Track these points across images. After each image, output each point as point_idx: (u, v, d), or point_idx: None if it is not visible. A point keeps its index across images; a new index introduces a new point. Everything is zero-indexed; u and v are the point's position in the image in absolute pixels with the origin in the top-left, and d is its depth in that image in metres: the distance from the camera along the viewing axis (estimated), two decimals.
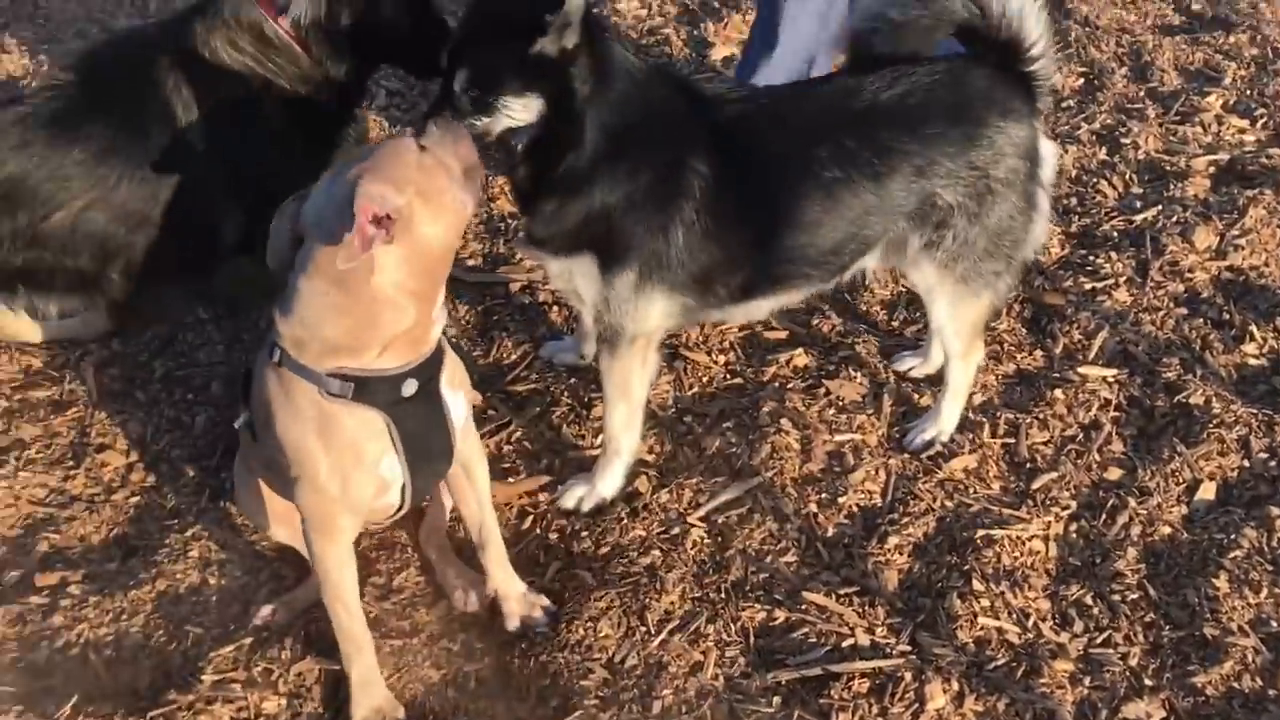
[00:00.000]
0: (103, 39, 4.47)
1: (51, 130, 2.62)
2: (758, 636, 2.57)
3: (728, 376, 3.23)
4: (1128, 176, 3.97)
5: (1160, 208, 3.79)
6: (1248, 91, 4.48)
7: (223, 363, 3.26)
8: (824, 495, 2.87)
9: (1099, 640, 2.55)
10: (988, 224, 2.67)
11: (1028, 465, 2.98)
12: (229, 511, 2.85)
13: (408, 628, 2.61)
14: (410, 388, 2.17)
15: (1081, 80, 4.58)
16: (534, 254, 2.77)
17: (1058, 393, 3.15)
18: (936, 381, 3.12)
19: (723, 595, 2.65)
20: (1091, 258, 3.62)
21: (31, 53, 4.55)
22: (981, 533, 2.75)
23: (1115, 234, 3.72)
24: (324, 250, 2.02)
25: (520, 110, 2.39)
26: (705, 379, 3.22)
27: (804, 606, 2.61)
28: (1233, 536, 2.74)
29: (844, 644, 2.54)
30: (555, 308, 3.47)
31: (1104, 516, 2.82)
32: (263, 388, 2.22)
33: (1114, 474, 2.94)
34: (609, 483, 2.85)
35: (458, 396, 2.33)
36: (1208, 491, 2.88)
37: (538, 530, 2.83)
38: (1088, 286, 3.50)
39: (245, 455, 2.60)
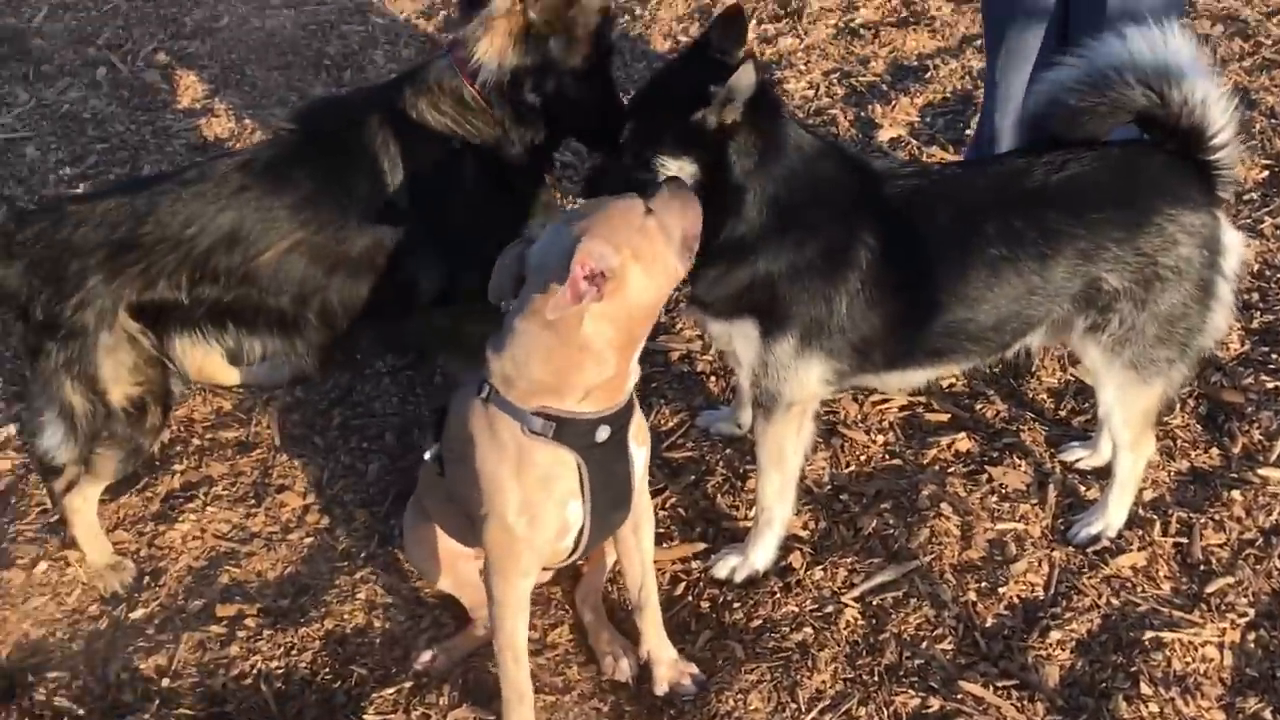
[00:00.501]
0: (322, 97, 4.80)
1: (268, 176, 2.80)
2: None
3: (886, 457, 3.21)
4: None
5: None
6: None
7: (396, 414, 3.42)
8: (984, 584, 2.81)
9: None
10: (1157, 311, 2.61)
11: (1201, 567, 2.85)
12: (396, 557, 2.96)
13: (560, 684, 2.66)
14: (603, 434, 2.27)
15: (1266, 173, 4.42)
16: (696, 315, 2.83)
17: (1235, 494, 3.02)
18: (1104, 475, 3.03)
19: (876, 678, 2.61)
20: (1274, 355, 3.47)
21: (238, 118, 4.90)
22: (1150, 634, 2.65)
23: None
24: (540, 296, 2.14)
25: (674, 172, 2.48)
26: (863, 458, 3.20)
27: (960, 696, 2.55)
28: None
29: None
30: (713, 378, 3.52)
31: None
32: (465, 421, 2.33)
33: None
34: (762, 554, 2.85)
35: (641, 451, 2.41)
36: None
37: (690, 598, 2.85)
38: (1269, 385, 3.36)
39: (418, 504, 2.71)
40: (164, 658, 2.75)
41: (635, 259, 2.13)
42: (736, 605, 2.80)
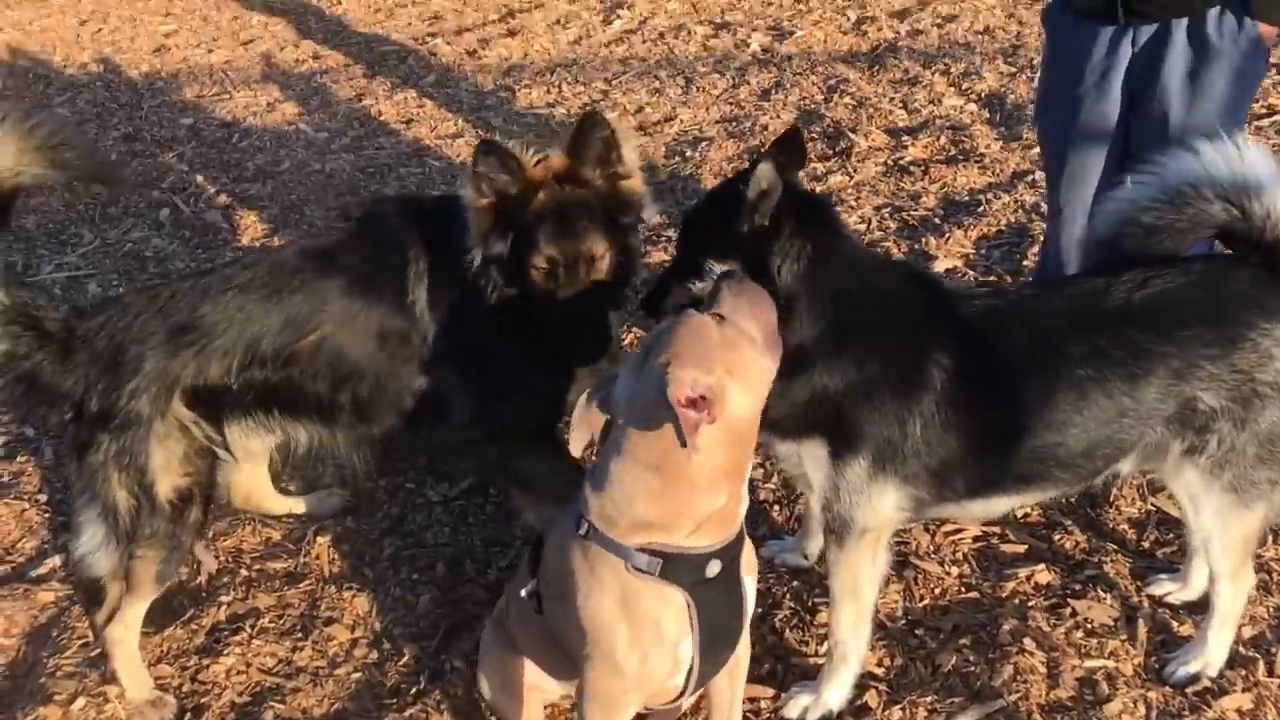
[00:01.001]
0: (383, 199, 4.82)
1: (321, 263, 2.81)
2: None
3: (962, 589, 3.04)
4: None
5: None
6: None
7: (448, 545, 3.31)
8: None
9: None
10: (1258, 430, 2.48)
11: None
12: (447, 694, 2.81)
13: None
14: (714, 568, 2.12)
15: None
16: (763, 435, 2.70)
17: None
18: (1197, 610, 2.86)
19: None
20: None
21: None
22: None
23: None
24: (638, 435, 2.03)
25: None
26: (937, 590, 3.04)
27: None
28: None
29: None
30: (776, 506, 3.39)
31: None
32: (563, 558, 2.20)
33: None
34: (836, 693, 2.68)
35: (750, 580, 2.27)
36: None
37: None
38: None
39: (498, 633, 2.59)
40: None
41: (729, 374, 2.00)
42: None
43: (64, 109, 7.12)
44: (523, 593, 2.35)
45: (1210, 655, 2.72)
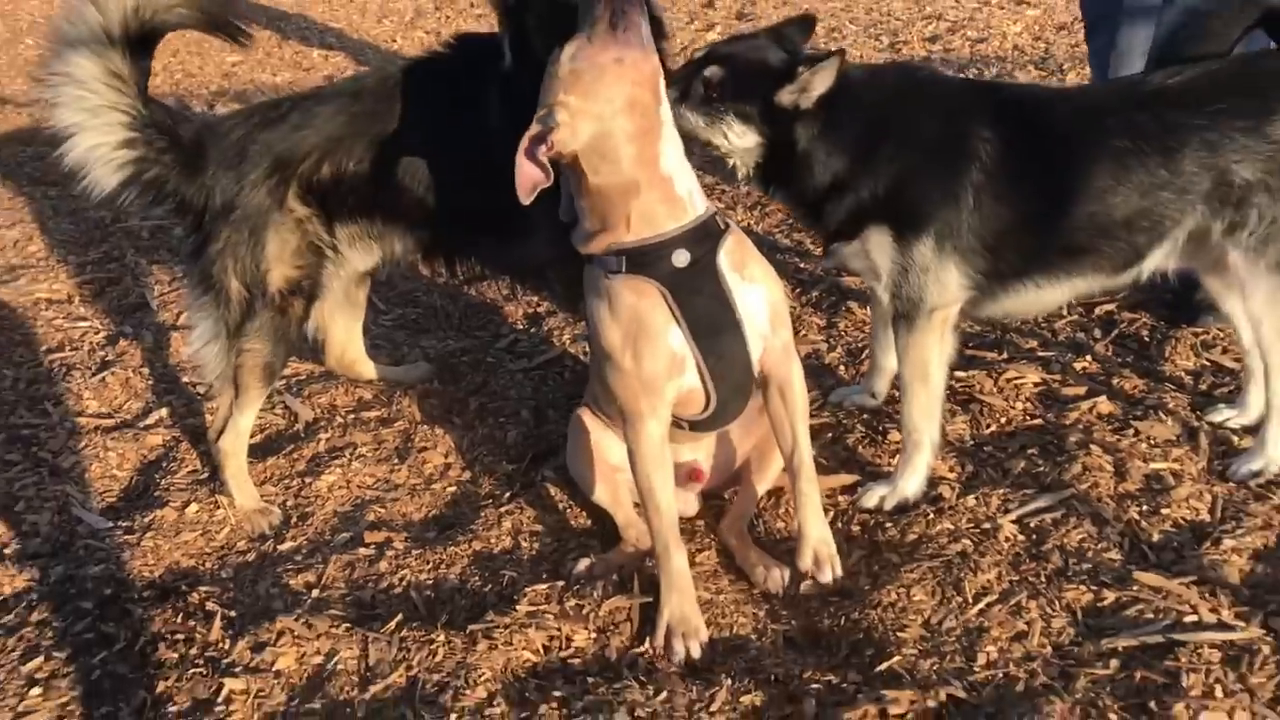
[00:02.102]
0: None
1: (423, 77, 2.99)
2: (1085, 615, 2.40)
3: (1027, 419, 3.17)
4: None
5: None
6: None
7: (531, 399, 3.48)
8: (1145, 508, 2.73)
9: None
10: None
11: None
12: (540, 497, 2.96)
13: (711, 592, 2.59)
14: (681, 258, 2.32)
15: None
16: (834, 252, 2.85)
17: None
18: (1254, 432, 2.97)
19: (1043, 580, 2.51)
20: None
21: None
22: None
23: None
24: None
25: (736, 137, 2.67)
26: (1003, 419, 3.17)
27: (1136, 588, 2.44)
28: None
29: (1186, 619, 2.34)
30: (841, 368, 3.55)
31: None
32: (586, 292, 2.48)
33: None
34: (912, 481, 2.81)
35: (751, 286, 2.41)
36: None
37: (839, 524, 2.79)
38: None
39: (578, 419, 2.76)
40: (312, 575, 2.74)
41: (571, 94, 2.23)
42: (889, 525, 2.74)
43: None
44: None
45: (1272, 451, 2.83)
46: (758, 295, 2.43)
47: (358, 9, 9.69)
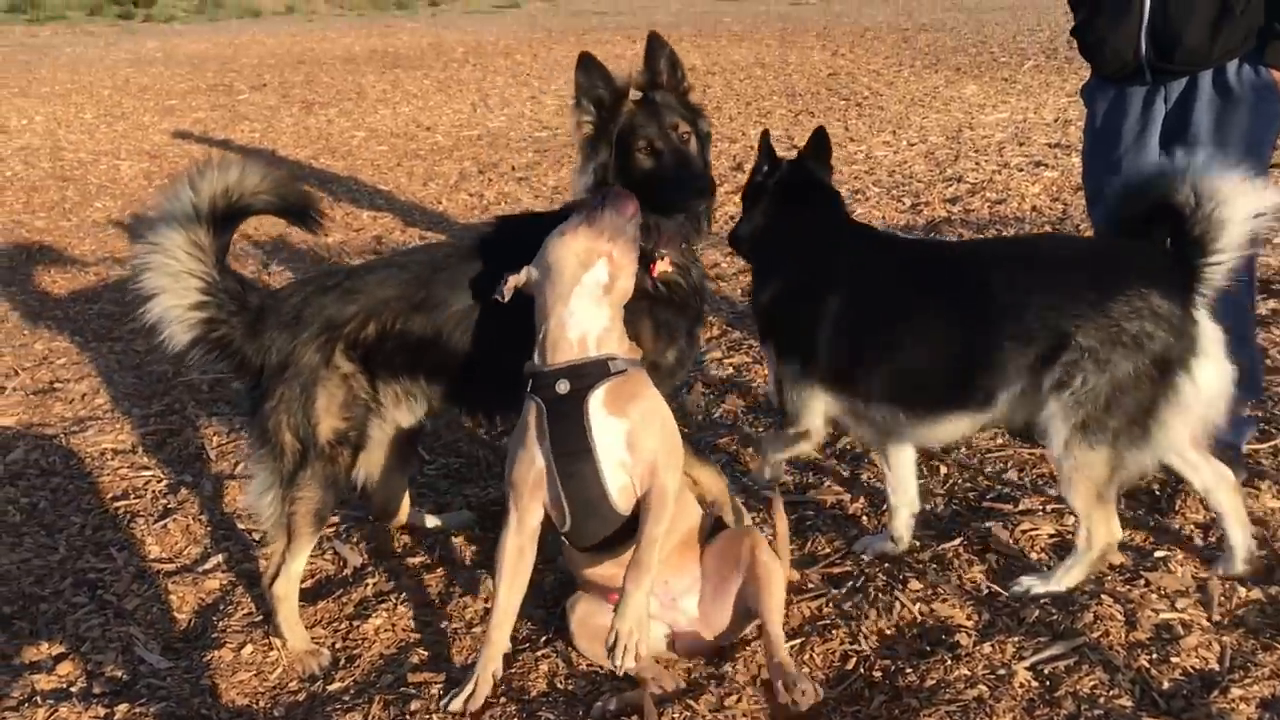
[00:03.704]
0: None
1: (466, 252, 3.29)
2: None
3: (1041, 568, 3.31)
4: None
5: None
6: None
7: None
8: (1155, 656, 2.84)
9: None
10: (1115, 376, 2.88)
11: None
12: (570, 645, 3.11)
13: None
14: (563, 386, 2.76)
15: None
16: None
17: None
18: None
19: None
20: None
21: None
22: None
23: None
24: None
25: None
26: (1019, 569, 3.31)
27: None
28: None
29: None
30: (865, 518, 3.71)
31: None
32: None
33: None
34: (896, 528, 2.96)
35: (616, 421, 2.75)
36: None
37: (860, 669, 2.92)
38: None
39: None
40: (359, 715, 2.88)
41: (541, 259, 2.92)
42: (909, 671, 2.86)
43: None
44: None
45: (1053, 584, 3.13)
46: (616, 428, 2.76)
47: (405, 172, 10.24)
